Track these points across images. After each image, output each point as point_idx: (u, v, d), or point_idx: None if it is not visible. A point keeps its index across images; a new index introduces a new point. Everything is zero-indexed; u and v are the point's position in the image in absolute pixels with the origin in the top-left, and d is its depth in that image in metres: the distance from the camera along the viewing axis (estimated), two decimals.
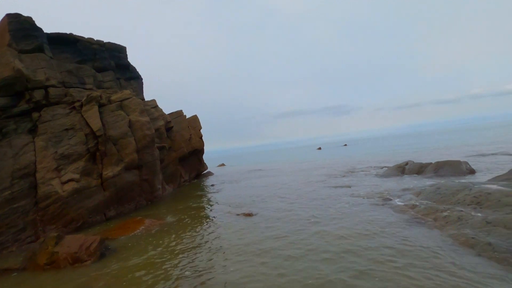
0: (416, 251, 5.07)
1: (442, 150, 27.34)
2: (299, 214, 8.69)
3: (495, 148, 22.31)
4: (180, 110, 22.66)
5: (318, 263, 5.05)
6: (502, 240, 4.70)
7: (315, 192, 12.05)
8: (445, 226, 6.08)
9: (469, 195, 7.17)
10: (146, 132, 13.51)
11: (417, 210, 7.37)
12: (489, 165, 14.07)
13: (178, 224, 9.39)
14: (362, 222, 7.15)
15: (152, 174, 14.00)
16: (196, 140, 22.82)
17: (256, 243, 6.55)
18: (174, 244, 7.25)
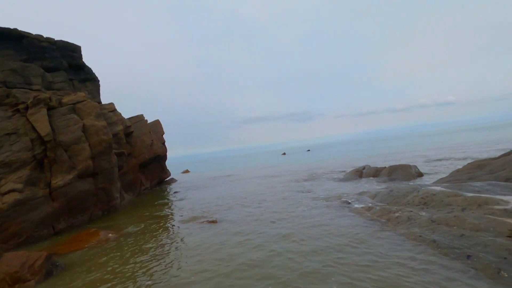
0: (370, 250, 5.36)
1: (395, 155, 29.54)
2: (262, 220, 8.73)
3: (439, 153, 24.68)
4: (140, 115, 21.70)
5: (275, 268, 5.09)
6: (444, 237, 5.16)
7: (279, 197, 12.22)
8: (397, 226, 6.53)
9: (417, 197, 7.80)
10: (103, 137, 12.66)
11: (372, 212, 7.82)
12: (434, 168, 15.50)
13: (136, 234, 8.88)
14: (321, 225, 7.39)
15: (109, 182, 13.13)
16: (158, 146, 21.96)
17: (219, 251, 6.42)
18: (132, 257, 6.82)
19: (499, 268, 3.87)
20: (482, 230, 4.92)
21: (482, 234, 4.80)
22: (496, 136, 38.87)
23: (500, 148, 19.37)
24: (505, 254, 4.05)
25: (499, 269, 3.86)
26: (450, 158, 19.27)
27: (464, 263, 4.30)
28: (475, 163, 10.40)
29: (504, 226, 4.75)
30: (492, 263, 4.01)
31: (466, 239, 4.83)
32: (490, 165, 9.50)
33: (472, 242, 4.70)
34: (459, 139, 43.96)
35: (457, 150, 24.81)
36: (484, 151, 20.37)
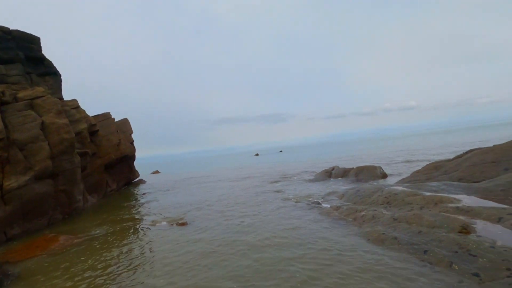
0: (337, 247, 5.55)
1: (362, 156, 30.95)
2: (233, 221, 8.70)
3: (401, 155, 26.27)
4: (107, 113, 20.64)
5: (244, 268, 5.10)
6: (404, 234, 5.49)
7: (250, 199, 12.25)
8: (362, 224, 6.83)
9: (381, 196, 8.23)
10: (64, 136, 11.86)
11: (340, 211, 8.11)
12: (397, 169, 16.46)
13: (101, 238, 8.42)
14: (291, 224, 7.52)
15: (71, 184, 12.33)
16: (126, 146, 21.04)
17: (187, 254, 6.29)
18: (95, 263, 6.45)
19: (451, 262, 4.19)
20: (437, 227, 5.31)
21: (437, 230, 5.17)
22: (451, 140, 42.22)
23: (454, 151, 21.07)
24: (456, 248, 4.40)
25: (451, 262, 4.18)
26: (411, 160, 20.59)
27: (421, 257, 4.61)
28: (432, 164, 11.19)
29: (456, 223, 5.16)
30: (445, 257, 4.34)
31: (423, 236, 5.18)
32: (445, 166, 10.28)
33: (428, 238, 5.04)
34: (419, 142, 47.11)
35: (417, 152, 26.58)
36: (441, 153, 22.02)
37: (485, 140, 28.38)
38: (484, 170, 8.48)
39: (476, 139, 34.05)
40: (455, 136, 52.86)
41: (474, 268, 3.92)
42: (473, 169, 8.79)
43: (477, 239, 4.50)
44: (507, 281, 3.45)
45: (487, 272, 3.77)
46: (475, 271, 3.86)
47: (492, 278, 3.66)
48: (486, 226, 5.00)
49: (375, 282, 4.10)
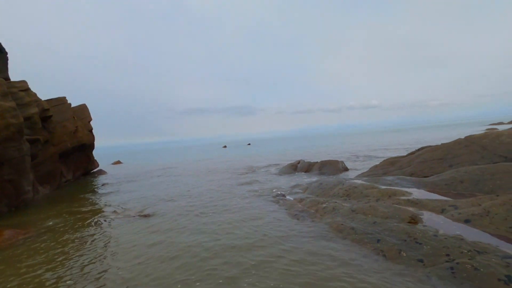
0: (298, 238, 5.76)
1: (326, 151, 32.17)
2: (196, 213, 8.60)
3: (362, 150, 27.78)
4: (62, 97, 19.06)
5: (206, 260, 5.10)
6: (361, 224, 5.84)
7: (215, 191, 12.19)
8: (324, 215, 7.13)
9: (342, 189, 8.64)
10: (10, 120, 10.75)
11: (303, 203, 8.38)
12: (358, 164, 17.38)
13: (53, 232, 7.83)
14: (254, 216, 7.63)
15: (18, 174, 11.27)
16: (84, 133, 19.68)
17: (148, 246, 6.10)
18: (46, 259, 5.99)
19: (400, 249, 4.55)
20: (390, 218, 5.71)
21: (389, 221, 5.57)
22: (407, 137, 45.50)
23: (409, 148, 22.76)
24: (405, 237, 4.78)
25: (400, 250, 4.54)
26: (371, 155, 21.86)
27: (375, 246, 4.94)
28: (389, 160, 11.99)
29: (406, 214, 5.59)
30: (395, 245, 4.69)
31: (377, 226, 5.55)
32: (399, 162, 11.07)
33: (382, 228, 5.41)
34: (379, 139, 50.13)
35: (377, 148, 28.29)
36: (397, 150, 23.65)
37: (436, 139, 31.02)
38: (432, 166, 9.27)
39: (428, 138, 37.09)
40: (410, 134, 57.08)
41: (419, 255, 4.29)
42: (423, 165, 9.57)
43: (423, 229, 4.92)
44: (446, 266, 3.83)
45: (429, 258, 4.15)
46: (420, 257, 4.23)
47: (433, 263, 4.04)
48: (431, 216, 5.49)
49: (327, 262, 4.33)
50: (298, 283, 4.03)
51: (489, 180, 6.73)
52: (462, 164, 8.60)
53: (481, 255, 3.84)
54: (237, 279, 4.33)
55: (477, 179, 6.95)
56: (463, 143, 9.49)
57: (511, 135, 8.71)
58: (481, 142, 9.07)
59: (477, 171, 7.23)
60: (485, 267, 3.53)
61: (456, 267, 3.73)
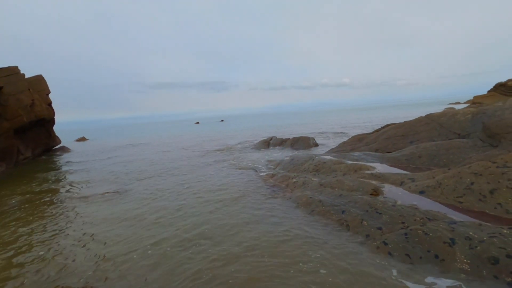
0: (269, 210, 5.97)
1: (298, 127, 32.81)
2: (168, 189, 8.54)
3: (333, 127, 28.69)
4: (14, 66, 17.24)
5: (173, 229, 5.17)
6: (328, 197, 6.16)
7: (187, 167, 12.10)
8: (294, 190, 7.40)
9: (312, 164, 8.96)
10: None
11: (275, 179, 8.61)
12: (328, 140, 17.99)
13: (10, 212, 7.40)
14: (224, 191, 7.74)
15: None
16: (42, 107, 18.21)
17: (120, 224, 6.00)
18: (3, 237, 5.70)
19: (362, 219, 4.89)
20: (354, 190, 6.07)
21: (354, 193, 5.92)
22: (375, 115, 47.55)
23: (376, 125, 23.87)
24: (367, 208, 5.14)
25: (362, 219, 4.88)
26: (341, 132, 22.70)
27: (340, 217, 5.26)
28: (357, 137, 12.52)
29: (369, 187, 5.97)
30: (358, 215, 5.03)
31: (343, 198, 5.88)
32: (366, 138, 11.61)
33: (347, 200, 5.74)
34: (349, 117, 51.91)
35: (347, 125, 29.36)
36: (366, 127, 24.72)
37: (400, 117, 32.74)
38: (395, 143, 9.84)
39: (393, 116, 39.03)
40: (378, 112, 59.69)
41: (379, 223, 4.66)
42: (387, 142, 10.13)
43: (383, 200, 5.30)
44: (401, 232, 4.21)
45: (387, 226, 4.52)
46: (379, 226, 4.59)
47: (390, 230, 4.41)
48: (391, 189, 5.91)
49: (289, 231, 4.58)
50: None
51: (444, 155, 7.32)
52: (421, 140, 9.22)
53: (431, 222, 4.25)
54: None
55: (434, 154, 7.52)
56: (423, 121, 10.12)
57: (465, 113, 9.41)
58: (439, 120, 9.72)
59: (434, 147, 7.80)
60: (434, 232, 3.92)
61: (410, 233, 4.10)
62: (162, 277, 3.84)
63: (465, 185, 5.07)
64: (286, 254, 4.19)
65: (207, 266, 4.00)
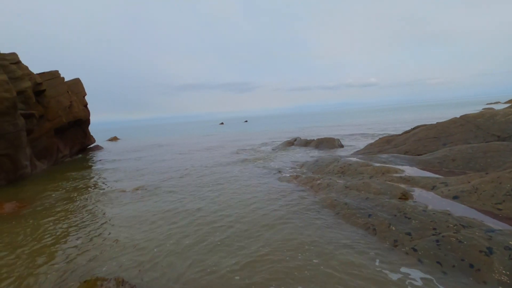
0: (294, 212, 5.96)
1: (323, 128, 32.28)
2: (194, 186, 8.79)
3: (359, 128, 27.89)
4: (55, 71, 18.58)
5: (208, 224, 5.31)
6: (354, 200, 6.03)
7: (213, 166, 12.34)
8: (318, 191, 7.33)
9: (337, 166, 8.80)
10: (4, 94, 10.55)
11: (299, 180, 8.56)
12: (354, 141, 17.54)
13: (51, 206, 7.99)
14: (251, 192, 7.81)
15: (15, 148, 11.26)
16: (79, 109, 19.44)
17: (148, 220, 6.28)
18: (45, 228, 6.18)
19: (390, 223, 4.75)
20: (382, 194, 5.89)
21: (381, 197, 5.75)
22: (404, 116, 45.59)
23: (405, 126, 22.88)
24: (395, 212, 4.97)
25: (390, 224, 4.74)
26: (367, 133, 22.02)
27: (366, 220, 5.14)
28: (384, 138, 12.10)
29: (398, 190, 5.76)
30: (386, 219, 4.89)
31: (370, 201, 5.73)
32: (395, 140, 11.19)
33: (374, 204, 5.59)
34: (376, 117, 50.18)
35: (374, 127, 28.42)
36: (394, 128, 23.79)
37: (432, 118, 31.12)
38: (426, 145, 9.40)
39: (424, 117, 37.17)
40: (407, 113, 57.11)
41: (408, 229, 4.49)
42: (418, 144, 9.70)
43: (413, 204, 5.10)
44: (432, 238, 4.03)
45: (417, 232, 4.35)
46: (408, 231, 4.43)
47: (420, 236, 4.24)
48: (421, 193, 5.67)
49: (320, 230, 4.54)
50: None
51: (481, 159, 6.88)
52: (455, 143, 8.73)
53: (466, 229, 4.03)
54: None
55: (469, 158, 7.10)
56: (458, 122, 9.57)
57: (506, 114, 8.78)
58: (476, 121, 9.14)
59: (469, 149, 7.36)
60: (469, 239, 3.72)
61: (442, 239, 3.92)
62: (191, 270, 3.98)
63: (505, 191, 4.74)
64: (311, 254, 4.17)
65: (241, 264, 4.09)
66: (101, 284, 3.68)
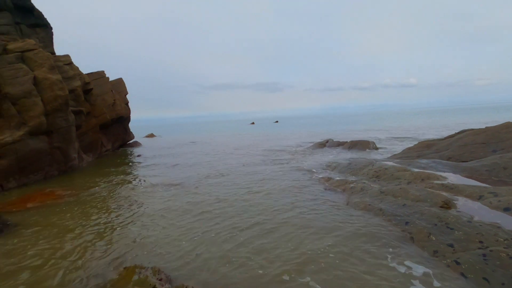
0: (323, 213, 5.85)
1: (357, 130, 31.16)
2: (228, 183, 8.98)
3: (396, 131, 26.54)
4: (101, 71, 20.03)
5: (242, 222, 5.40)
6: (389, 206, 5.77)
7: (244, 165, 12.51)
8: (351, 195, 7.11)
9: (372, 170, 8.47)
10: (58, 92, 11.62)
11: (331, 182, 8.38)
12: (390, 145, 16.73)
13: (96, 195, 8.66)
14: (283, 192, 7.79)
15: (66, 142, 12.34)
16: (121, 106, 20.77)
17: (181, 214, 6.55)
18: (91, 216, 6.71)
19: (429, 233, 4.48)
20: (421, 201, 5.57)
21: (420, 204, 5.44)
22: (447, 119, 42.50)
23: (448, 130, 21.33)
24: (436, 221, 4.67)
25: (430, 233, 4.47)
26: (405, 137, 20.87)
27: (403, 228, 4.90)
28: (425, 142, 11.40)
29: (439, 198, 5.41)
30: (425, 228, 4.62)
31: (407, 208, 5.45)
32: (437, 145, 10.49)
33: (411, 211, 5.31)
34: (415, 120, 47.36)
35: (412, 130, 26.86)
36: (434, 132, 22.29)
37: (479, 122, 28.66)
38: (473, 151, 8.69)
39: (470, 120, 34.34)
40: (451, 116, 53.16)
41: (450, 240, 4.20)
42: (463, 149, 9.00)
43: (456, 214, 4.76)
44: (478, 252, 3.74)
45: (461, 244, 4.05)
46: (450, 242, 4.15)
47: (464, 249, 3.94)
48: (466, 202, 5.26)
49: (358, 238, 4.41)
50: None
51: None
52: (507, 149, 7.97)
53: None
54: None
55: None
56: (511, 127, 8.73)
57: None
58: None
59: None
60: None
61: (490, 254, 3.62)
62: (227, 268, 4.10)
63: None
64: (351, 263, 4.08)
65: (283, 269, 4.13)
66: (139, 271, 3.93)
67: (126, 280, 3.67)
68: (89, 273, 4.14)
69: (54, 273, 4.20)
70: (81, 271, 4.22)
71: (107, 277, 3.94)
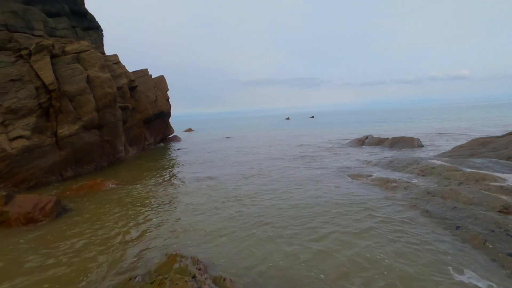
0: (370, 216, 5.60)
1: (399, 126, 29.31)
2: (264, 179, 9.02)
3: (445, 127, 24.44)
4: (145, 69, 21.22)
5: (281, 217, 5.40)
6: (437, 208, 5.34)
7: (281, 161, 12.46)
8: (394, 195, 6.71)
9: (417, 168, 7.92)
10: (107, 90, 12.57)
11: (371, 179, 7.99)
12: (438, 142, 15.46)
13: (142, 185, 9.26)
14: (321, 190, 7.60)
15: (114, 135, 13.34)
16: (162, 102, 21.85)
17: (219, 207, 6.72)
18: (137, 204, 7.20)
19: (485, 240, 4.06)
20: (475, 204, 5.08)
21: (474, 207, 4.96)
22: (505, 115, 38.11)
23: (507, 126, 19.09)
24: (493, 228, 4.22)
25: (485, 240, 4.05)
26: (455, 133, 19.13)
27: (453, 233, 4.51)
28: (479, 140, 10.34)
29: (497, 202, 4.88)
30: (480, 234, 4.20)
31: (458, 211, 5.00)
32: (493, 143, 9.46)
33: (463, 215, 4.87)
34: (468, 115, 43.23)
35: (464, 126, 24.53)
36: (490, 129, 20.13)
37: None
38: None
39: None
40: (509, 111, 47.55)
41: (510, 249, 3.78)
42: None
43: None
44: None
45: None
46: (511, 252, 3.72)
47: None
48: None
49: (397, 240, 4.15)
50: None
51: None
52: None
53: None
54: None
55: None
56: None
57: None
58: None
59: None
60: None
61: None
62: (262, 263, 4.14)
63: None
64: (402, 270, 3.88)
65: (326, 274, 4.09)
66: (180, 260, 4.11)
67: (168, 267, 3.87)
68: (135, 257, 4.44)
69: (106, 253, 4.62)
70: (128, 254, 4.55)
71: (151, 263, 4.19)
